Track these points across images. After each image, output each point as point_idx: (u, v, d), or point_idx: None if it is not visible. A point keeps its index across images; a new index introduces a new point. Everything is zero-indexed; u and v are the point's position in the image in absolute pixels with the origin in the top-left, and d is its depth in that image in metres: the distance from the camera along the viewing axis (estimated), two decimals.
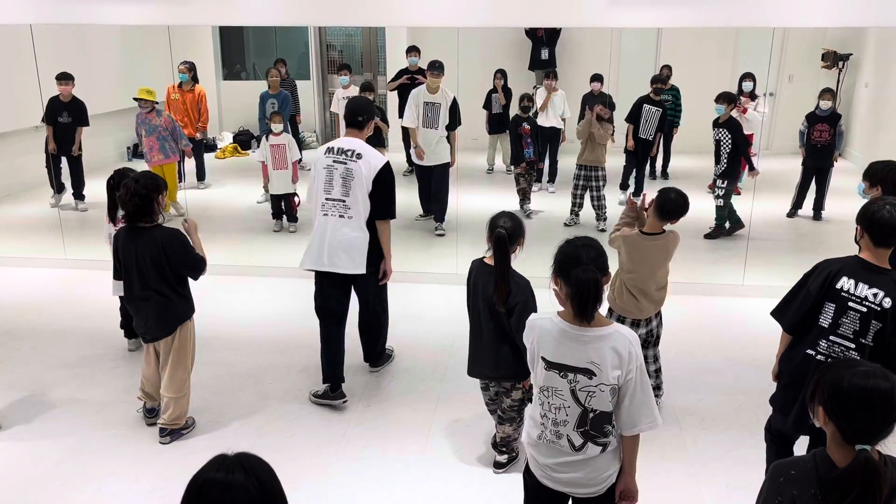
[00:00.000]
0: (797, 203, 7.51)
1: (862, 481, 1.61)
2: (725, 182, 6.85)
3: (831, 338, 2.87)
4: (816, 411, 1.75)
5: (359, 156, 3.98)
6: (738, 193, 7.70)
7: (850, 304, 2.81)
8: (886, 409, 1.65)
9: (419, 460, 3.68)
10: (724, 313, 5.49)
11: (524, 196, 7.64)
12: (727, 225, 7.01)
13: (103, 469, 3.61)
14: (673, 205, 3.67)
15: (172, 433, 3.83)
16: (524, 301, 3.22)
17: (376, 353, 4.59)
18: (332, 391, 4.18)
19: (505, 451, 3.60)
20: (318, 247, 4.04)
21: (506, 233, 3.19)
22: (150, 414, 3.95)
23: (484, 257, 3.39)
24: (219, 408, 4.17)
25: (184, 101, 8.16)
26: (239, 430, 3.97)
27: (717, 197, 6.91)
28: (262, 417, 4.09)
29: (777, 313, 3.07)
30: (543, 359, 2.30)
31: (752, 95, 7.92)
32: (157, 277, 3.62)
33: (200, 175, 8.51)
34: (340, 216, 4.00)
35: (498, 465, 3.59)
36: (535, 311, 3.12)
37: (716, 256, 6.74)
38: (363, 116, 4.09)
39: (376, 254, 4.13)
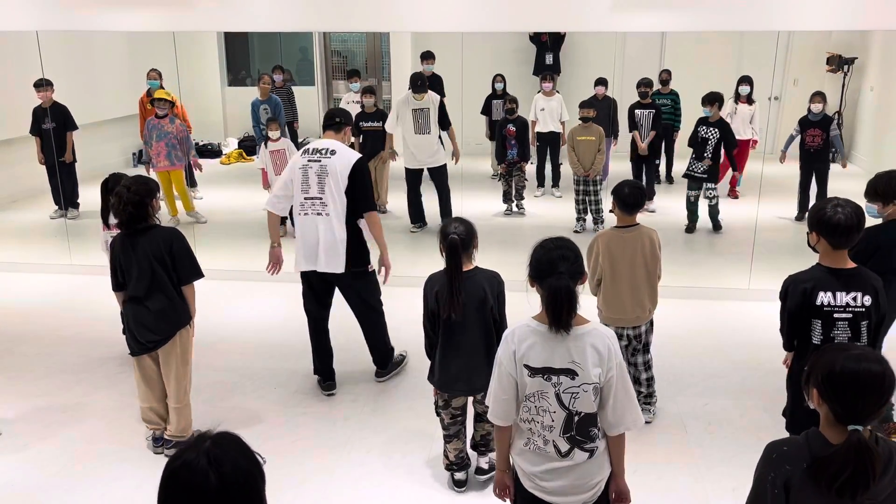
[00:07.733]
0: (802, 205, 7.50)
1: (855, 461, 1.67)
2: (714, 184, 7.06)
3: None
4: (811, 393, 1.81)
5: (332, 152, 4.08)
6: (737, 196, 7.77)
7: (836, 314, 2.82)
8: (878, 392, 1.71)
9: (423, 465, 3.67)
10: (729, 317, 5.47)
11: (508, 196, 7.79)
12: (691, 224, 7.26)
13: (108, 474, 3.62)
14: (630, 197, 3.79)
15: (177, 445, 3.79)
16: (496, 292, 3.25)
17: (382, 353, 4.49)
18: (322, 381, 4.41)
19: (485, 450, 3.52)
20: (302, 247, 4.15)
21: (458, 239, 3.16)
22: (158, 443, 3.81)
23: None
24: (223, 412, 4.17)
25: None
26: (243, 434, 3.91)
27: (713, 198, 7.08)
28: (267, 422, 4.09)
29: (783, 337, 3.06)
30: (527, 366, 2.27)
31: (749, 100, 7.92)
32: (162, 276, 3.52)
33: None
34: (318, 213, 4.09)
35: (481, 472, 3.51)
36: (504, 294, 3.26)
37: (721, 260, 6.72)
38: (340, 118, 4.22)
39: (359, 254, 4.18)
